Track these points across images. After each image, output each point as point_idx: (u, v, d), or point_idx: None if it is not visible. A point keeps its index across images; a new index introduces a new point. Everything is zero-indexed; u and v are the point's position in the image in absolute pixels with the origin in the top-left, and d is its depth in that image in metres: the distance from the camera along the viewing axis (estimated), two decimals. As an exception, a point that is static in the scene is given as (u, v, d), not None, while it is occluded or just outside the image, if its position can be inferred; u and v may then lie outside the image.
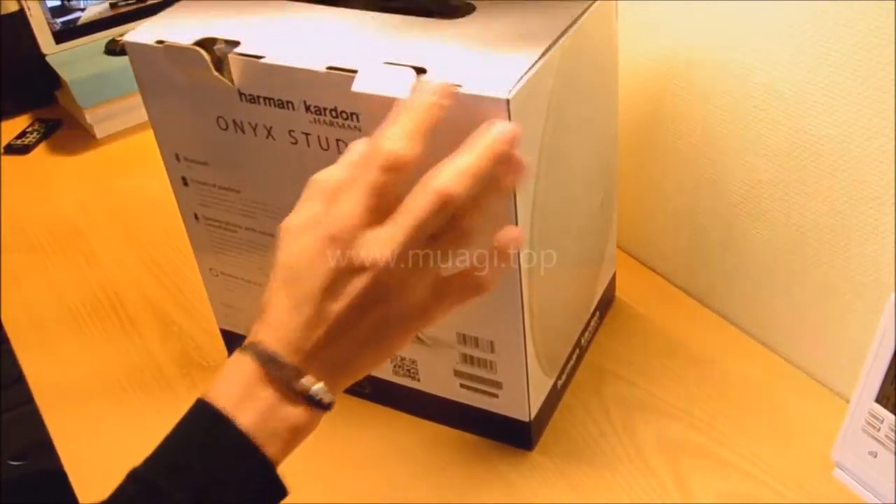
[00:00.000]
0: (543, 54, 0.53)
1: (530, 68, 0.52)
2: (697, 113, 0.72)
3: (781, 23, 0.61)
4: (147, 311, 0.86)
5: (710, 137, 0.71)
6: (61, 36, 1.16)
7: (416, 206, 0.46)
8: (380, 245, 0.46)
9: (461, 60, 0.54)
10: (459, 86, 0.50)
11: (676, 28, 0.70)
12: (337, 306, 0.47)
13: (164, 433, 0.55)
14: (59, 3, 1.14)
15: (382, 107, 0.51)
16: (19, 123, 1.19)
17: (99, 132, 1.14)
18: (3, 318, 0.87)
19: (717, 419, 0.69)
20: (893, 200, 0.59)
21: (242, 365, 0.48)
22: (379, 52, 0.55)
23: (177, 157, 0.66)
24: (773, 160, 0.67)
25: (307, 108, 0.57)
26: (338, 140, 0.57)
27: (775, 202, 0.68)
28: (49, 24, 1.14)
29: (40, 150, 1.14)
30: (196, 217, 0.69)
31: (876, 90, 0.57)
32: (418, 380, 0.69)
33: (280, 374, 0.47)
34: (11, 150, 1.13)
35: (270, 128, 0.59)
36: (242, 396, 0.47)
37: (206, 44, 0.58)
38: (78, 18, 1.16)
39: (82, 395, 0.77)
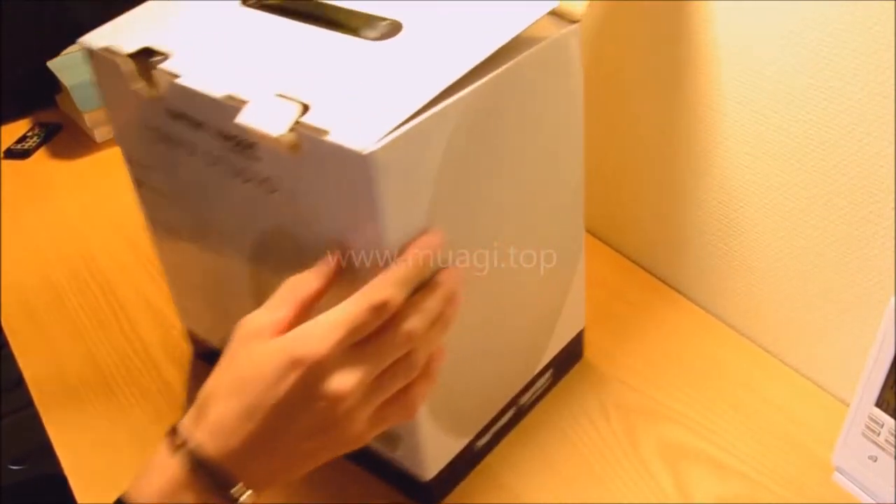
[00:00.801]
0: (441, 98, 0.49)
1: (415, 115, 0.48)
2: (699, 118, 0.72)
3: (783, 27, 0.61)
4: (147, 315, 0.86)
5: (712, 142, 0.72)
6: None
7: (385, 348, 0.47)
8: (345, 380, 0.46)
9: (349, 99, 0.50)
10: (327, 132, 0.47)
11: (677, 33, 0.70)
12: (287, 427, 0.46)
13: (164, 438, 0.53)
14: (59, 7, 1.14)
15: (268, 141, 0.49)
16: (20, 127, 1.19)
17: (99, 136, 1.14)
18: (3, 322, 0.87)
19: (717, 423, 0.69)
20: (893, 204, 0.59)
21: (169, 466, 0.47)
22: (282, 79, 0.52)
23: (130, 159, 0.66)
24: (774, 164, 0.67)
25: (217, 133, 0.54)
26: (243, 169, 0.54)
27: (776, 206, 0.68)
28: (49, 28, 1.15)
29: (40, 155, 1.14)
30: (152, 220, 0.69)
31: (876, 94, 0.57)
32: None
33: (210, 481, 0.46)
34: (11, 154, 1.13)
35: (193, 146, 0.57)
36: (166, 499, 0.46)
37: (147, 53, 0.57)
38: (78, 23, 1.16)
39: (82, 399, 0.77)
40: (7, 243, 0.98)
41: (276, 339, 0.47)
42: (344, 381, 0.46)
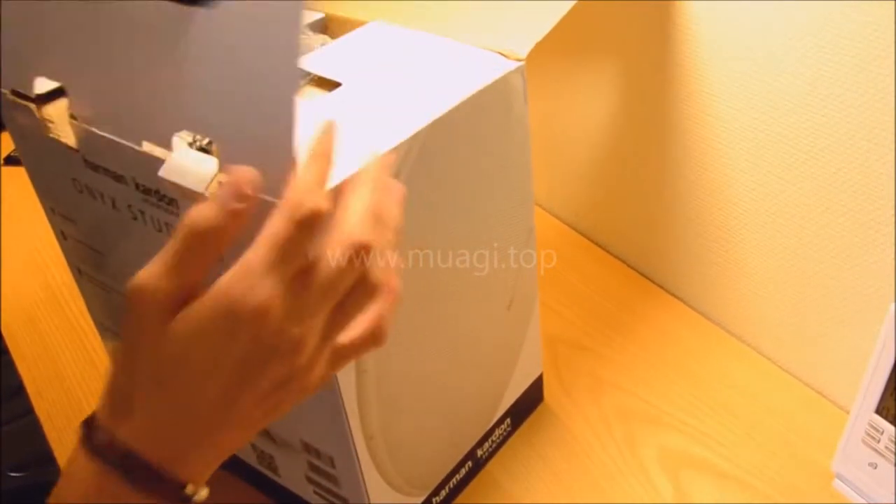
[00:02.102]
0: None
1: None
2: (700, 125, 0.72)
3: (782, 36, 0.61)
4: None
5: (712, 149, 0.72)
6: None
7: (337, 271, 0.38)
8: (303, 322, 0.38)
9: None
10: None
11: (674, 37, 0.70)
12: (239, 400, 0.38)
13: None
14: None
15: (190, 197, 0.45)
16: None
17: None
18: (3, 328, 0.87)
19: (717, 430, 0.69)
20: (893, 212, 0.59)
21: (92, 471, 0.38)
22: (206, 129, 0.47)
23: (52, 210, 0.62)
24: (774, 171, 0.67)
25: (136, 186, 0.50)
26: (167, 224, 0.50)
27: (775, 213, 0.69)
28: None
29: (40, 161, 1.14)
30: (79, 271, 0.65)
31: (876, 101, 0.57)
32: (279, 475, 0.63)
33: (153, 486, 0.38)
34: (11, 161, 1.14)
35: (114, 199, 0.53)
36: None
37: (60, 93, 0.52)
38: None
39: (83, 406, 0.77)
40: (7, 250, 0.98)
41: (196, 302, 0.37)
42: (299, 327, 0.37)
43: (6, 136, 1.18)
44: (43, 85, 0.53)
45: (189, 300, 0.37)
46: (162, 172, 0.46)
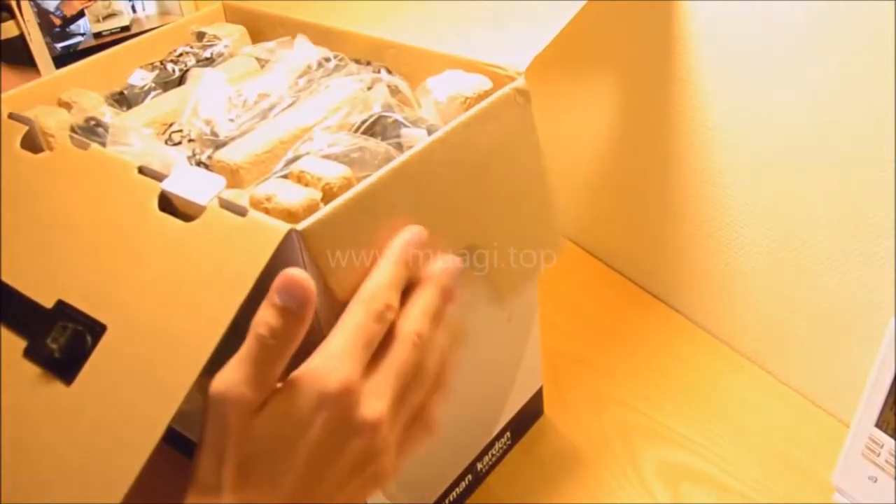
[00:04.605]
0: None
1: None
2: (700, 138, 0.72)
3: (784, 50, 0.61)
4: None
5: (713, 163, 0.72)
6: (61, 61, 1.16)
7: (401, 359, 0.42)
8: (378, 404, 0.41)
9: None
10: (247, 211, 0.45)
11: (675, 50, 0.70)
12: (322, 483, 0.41)
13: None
14: (58, 28, 1.14)
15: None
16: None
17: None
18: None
19: (718, 443, 0.69)
20: (893, 225, 0.59)
21: None
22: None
23: None
24: (773, 183, 0.67)
25: None
26: None
27: (775, 225, 0.69)
28: (49, 48, 1.15)
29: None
30: None
31: (875, 118, 0.57)
32: None
33: None
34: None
35: None
36: None
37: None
38: (78, 43, 1.17)
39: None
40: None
41: (279, 394, 0.40)
42: (377, 405, 0.41)
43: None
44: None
45: (269, 395, 0.40)
46: (165, 185, 0.47)
